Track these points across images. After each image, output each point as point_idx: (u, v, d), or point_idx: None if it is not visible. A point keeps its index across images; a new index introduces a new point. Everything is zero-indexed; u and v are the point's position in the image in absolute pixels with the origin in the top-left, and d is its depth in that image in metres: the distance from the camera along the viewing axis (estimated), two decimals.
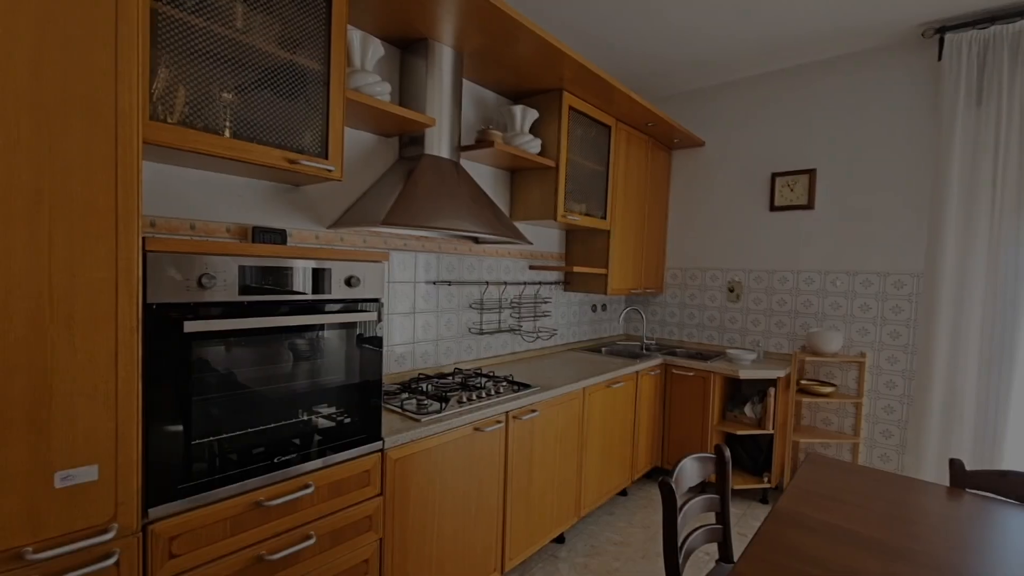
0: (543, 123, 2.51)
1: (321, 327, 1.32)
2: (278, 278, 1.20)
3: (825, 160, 2.94)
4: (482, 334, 2.59)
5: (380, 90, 1.67)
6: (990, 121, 2.35)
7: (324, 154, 1.48)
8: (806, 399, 2.85)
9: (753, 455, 3.08)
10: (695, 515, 1.43)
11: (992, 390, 2.41)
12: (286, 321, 1.21)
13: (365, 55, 1.68)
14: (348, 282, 1.30)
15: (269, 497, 1.21)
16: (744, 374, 2.82)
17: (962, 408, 2.47)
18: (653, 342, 3.67)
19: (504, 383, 2.16)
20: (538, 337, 2.98)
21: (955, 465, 1.49)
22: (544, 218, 2.55)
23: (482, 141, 2.16)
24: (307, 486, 1.29)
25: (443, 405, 1.77)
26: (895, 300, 2.74)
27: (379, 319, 1.41)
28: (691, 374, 3.00)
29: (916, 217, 2.65)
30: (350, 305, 1.32)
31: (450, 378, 2.20)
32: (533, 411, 2.07)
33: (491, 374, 2.30)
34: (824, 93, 2.93)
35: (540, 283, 2.97)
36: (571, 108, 2.53)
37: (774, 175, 3.10)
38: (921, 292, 2.63)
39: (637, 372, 2.85)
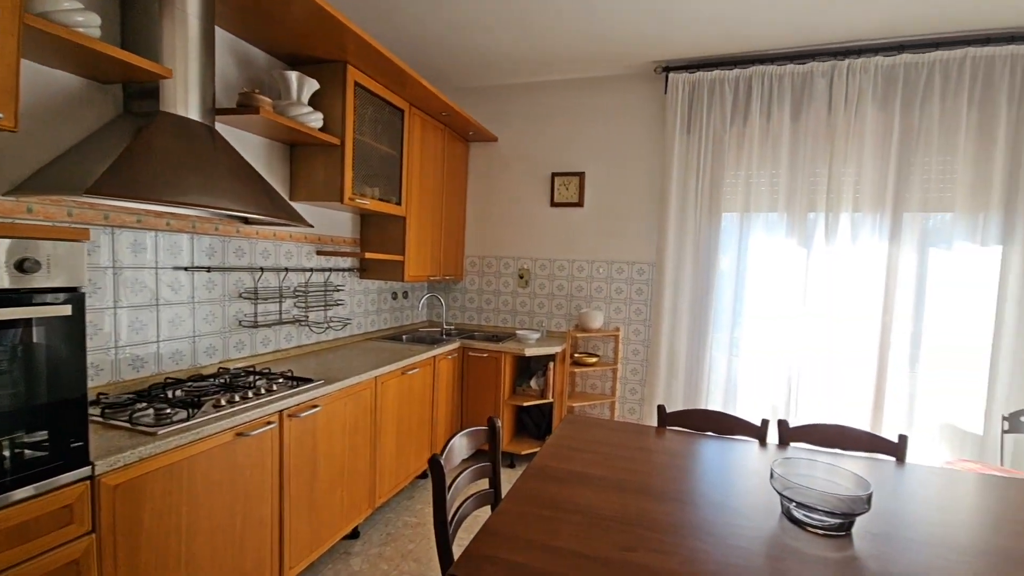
0: (326, 96, 2.34)
1: None
2: None
3: (592, 164, 3.43)
4: (257, 327, 2.32)
5: (82, 20, 1.31)
6: (694, 146, 3.05)
7: None
8: (578, 369, 3.32)
9: (538, 422, 3.47)
10: (468, 484, 1.53)
11: (696, 350, 3.17)
12: None
13: None
14: (20, 266, 0.99)
15: None
16: (530, 352, 3.14)
17: (678, 366, 3.20)
18: (453, 327, 3.81)
19: (281, 380, 1.97)
20: (329, 328, 2.80)
21: (660, 410, 1.91)
22: (330, 200, 2.39)
23: (246, 106, 1.90)
24: None
25: (193, 412, 1.52)
26: (639, 284, 3.38)
27: (78, 313, 1.12)
28: (485, 355, 3.21)
29: (652, 217, 3.30)
30: (24, 296, 1.02)
31: (211, 380, 1.91)
32: (315, 406, 1.94)
33: (266, 371, 2.08)
34: (592, 106, 3.41)
35: (331, 270, 2.79)
36: (358, 85, 2.41)
37: (554, 175, 3.50)
38: (653, 277, 3.30)
39: (435, 357, 2.92)
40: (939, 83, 2.63)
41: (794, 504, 1.19)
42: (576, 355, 3.39)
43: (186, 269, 1.96)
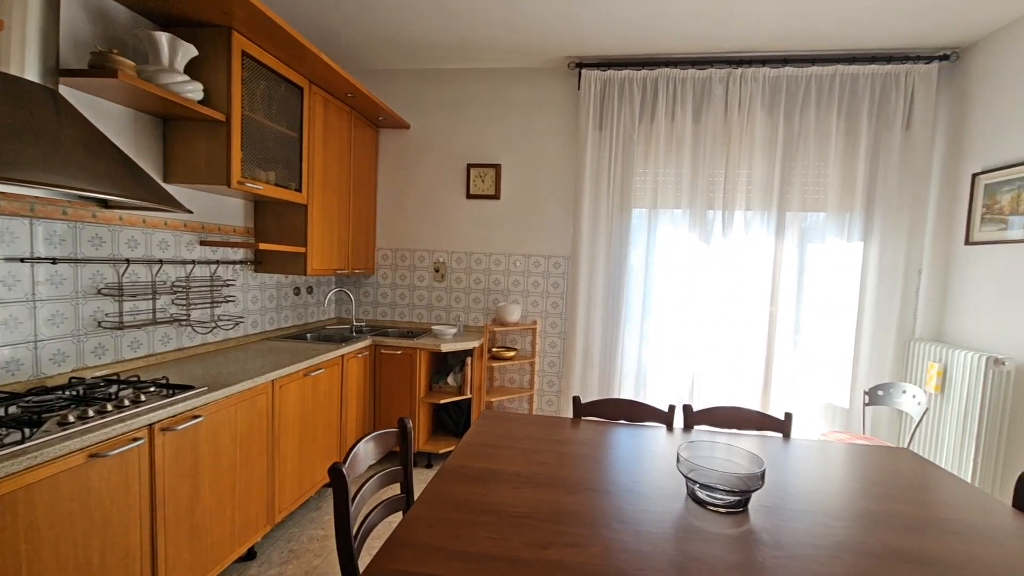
0: (207, 65, 2.06)
1: None
2: None
3: (508, 157, 3.40)
4: (123, 328, 1.99)
5: None
6: (606, 143, 3.13)
7: None
8: (496, 364, 3.29)
9: (456, 419, 3.39)
10: (379, 490, 1.42)
11: (609, 341, 3.28)
12: None
13: None
14: None
15: None
16: (446, 348, 3.05)
17: (593, 357, 3.28)
18: (364, 324, 3.60)
19: (152, 389, 1.70)
20: (217, 327, 2.50)
21: (575, 401, 1.92)
22: (216, 183, 2.12)
23: (99, 67, 1.60)
24: None
25: (30, 432, 1.25)
26: (555, 277, 3.41)
27: None
28: (399, 352, 3.06)
29: (567, 211, 3.35)
30: None
31: (58, 393, 1.60)
32: (196, 417, 1.71)
33: (134, 380, 1.79)
34: (509, 98, 3.37)
35: (219, 262, 2.48)
36: (247, 55, 2.16)
37: (470, 166, 3.42)
38: (569, 271, 3.35)
39: (343, 356, 2.73)
40: (815, 95, 2.93)
41: (698, 486, 1.24)
42: (494, 349, 3.36)
43: (22, 260, 1.62)
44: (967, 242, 2.72)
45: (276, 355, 2.42)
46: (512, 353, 3.33)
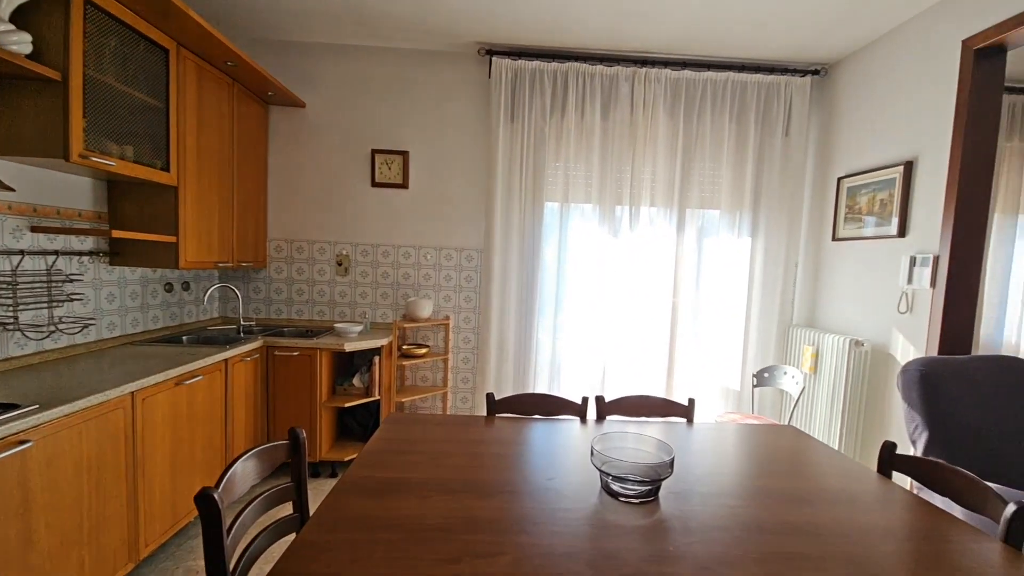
0: (39, 13, 1.67)
1: None
2: None
3: (417, 144, 3.23)
4: None
5: None
6: (518, 134, 3.09)
7: None
8: (407, 362, 3.12)
9: (364, 423, 3.17)
10: (267, 511, 1.23)
11: (523, 335, 3.26)
12: None
13: None
14: None
15: None
16: (350, 347, 2.82)
17: (508, 351, 3.24)
18: (255, 323, 3.23)
19: None
20: (57, 332, 2.07)
21: (489, 398, 1.84)
22: (49, 156, 1.73)
23: None
24: None
25: None
26: (468, 271, 3.32)
27: None
28: (296, 354, 2.78)
29: (479, 203, 3.26)
30: None
31: None
32: (23, 443, 1.38)
33: None
34: (417, 81, 3.19)
35: (59, 253, 2.06)
36: (90, 3, 1.78)
37: (374, 151, 3.20)
38: (481, 264, 3.27)
39: (227, 360, 2.41)
40: (710, 99, 3.12)
41: (611, 478, 1.21)
42: (404, 347, 3.18)
43: None
44: (833, 238, 3.06)
45: (140, 362, 2.06)
46: (424, 350, 3.18)
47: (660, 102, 3.10)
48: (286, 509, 1.31)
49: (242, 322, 3.14)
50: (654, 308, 3.27)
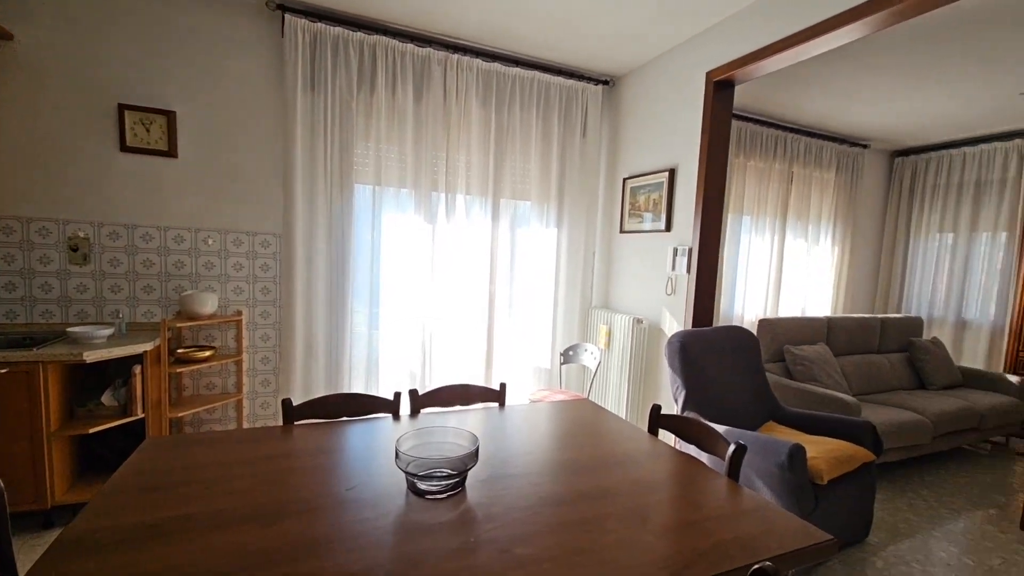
0: None
1: None
2: None
3: (188, 104, 2.64)
4: None
5: None
6: (320, 107, 2.78)
7: None
8: (186, 368, 2.57)
9: (124, 450, 2.53)
10: None
11: (336, 328, 2.98)
12: None
13: None
14: None
15: None
16: (93, 356, 2.18)
17: (317, 347, 2.93)
18: None
19: None
20: None
21: (285, 404, 1.61)
22: None
23: None
24: None
25: None
26: (263, 259, 2.88)
27: None
28: (3, 371, 2.04)
29: (275, 183, 2.85)
30: None
31: None
32: None
33: None
34: (188, 28, 2.60)
35: None
36: None
37: (123, 107, 2.51)
38: (282, 250, 2.88)
39: None
40: (519, 95, 3.27)
41: (416, 478, 1.16)
42: (181, 350, 2.62)
43: None
44: (621, 231, 3.53)
45: None
46: (209, 352, 2.67)
47: (473, 91, 3.12)
48: None
49: None
50: (473, 295, 3.32)
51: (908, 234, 5.04)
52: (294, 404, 1.65)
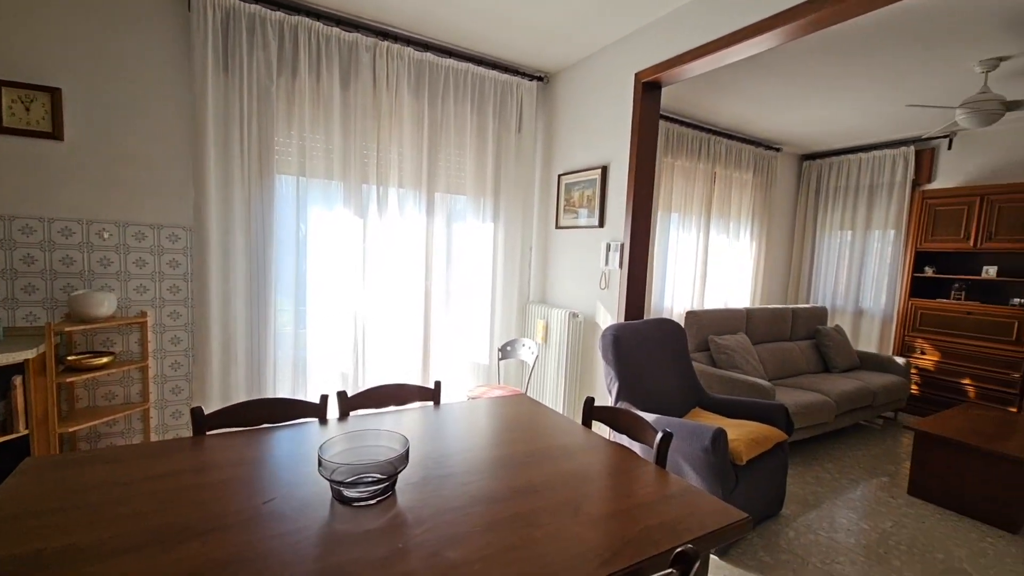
0: None
1: None
2: None
3: (75, 82, 2.34)
4: None
5: None
6: (235, 91, 2.57)
7: None
8: (79, 377, 2.29)
9: (7, 471, 2.21)
10: None
11: (258, 329, 2.78)
12: None
13: None
14: None
15: None
16: None
17: (237, 349, 2.72)
18: None
19: None
20: None
21: (195, 414, 1.47)
22: None
23: None
24: None
25: None
26: (171, 254, 2.62)
27: None
28: None
29: (184, 171, 2.60)
30: None
31: None
32: None
33: None
34: None
35: None
36: None
37: None
38: (193, 245, 2.64)
39: None
40: (452, 87, 3.20)
41: (342, 485, 1.09)
42: (72, 357, 2.33)
43: None
44: (556, 226, 3.57)
45: None
46: (106, 359, 2.39)
47: (404, 81, 3.02)
48: None
49: None
50: (408, 291, 3.23)
51: (815, 231, 5.52)
52: (208, 412, 1.50)
